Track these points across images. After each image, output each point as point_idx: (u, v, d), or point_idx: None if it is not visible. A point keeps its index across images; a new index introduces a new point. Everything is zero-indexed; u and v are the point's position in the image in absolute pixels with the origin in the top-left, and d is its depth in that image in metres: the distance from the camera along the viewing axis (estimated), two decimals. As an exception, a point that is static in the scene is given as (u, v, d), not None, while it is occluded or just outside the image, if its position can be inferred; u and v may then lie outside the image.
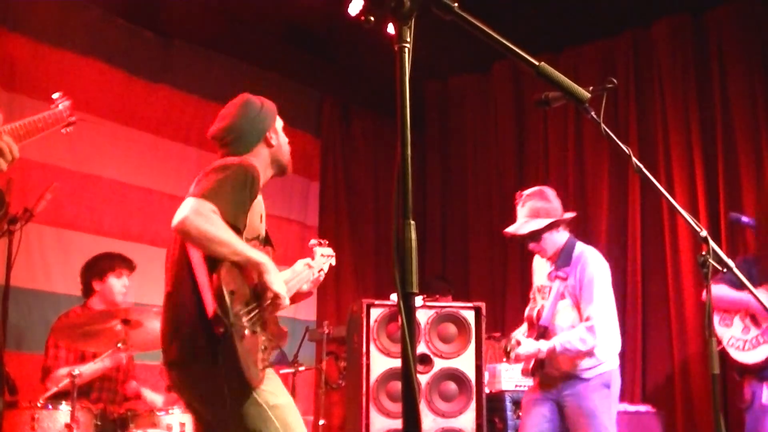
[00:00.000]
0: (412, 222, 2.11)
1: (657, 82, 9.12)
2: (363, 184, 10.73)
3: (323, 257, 4.95)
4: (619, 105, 9.23)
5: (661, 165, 8.86)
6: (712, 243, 3.51)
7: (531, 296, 6.09)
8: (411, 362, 2.05)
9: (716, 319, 6.96)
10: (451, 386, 6.93)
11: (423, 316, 6.94)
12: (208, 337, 3.54)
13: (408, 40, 2.20)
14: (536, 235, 5.62)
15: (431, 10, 2.27)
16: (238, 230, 3.71)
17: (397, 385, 6.88)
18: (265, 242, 4.17)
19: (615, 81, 3.31)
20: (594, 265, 5.62)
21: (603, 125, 3.12)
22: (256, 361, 3.66)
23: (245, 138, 4.11)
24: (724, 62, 8.68)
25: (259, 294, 3.75)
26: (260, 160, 4.17)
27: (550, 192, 5.77)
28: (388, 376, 6.91)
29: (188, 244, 3.71)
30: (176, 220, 3.59)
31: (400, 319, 2.04)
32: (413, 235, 2.10)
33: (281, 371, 8.05)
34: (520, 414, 5.97)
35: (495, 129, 10.49)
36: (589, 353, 5.45)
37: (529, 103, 9.91)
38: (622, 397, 8.37)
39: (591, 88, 2.91)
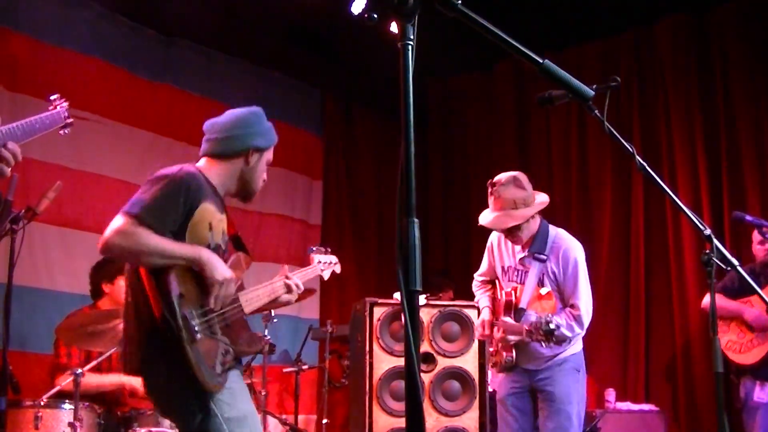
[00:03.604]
0: (416, 220, 2.11)
1: (660, 81, 9.11)
2: (366, 182, 10.73)
3: (322, 264, 4.90)
4: (622, 103, 9.23)
5: (664, 163, 8.86)
6: (715, 241, 3.50)
7: (479, 279, 5.97)
8: (414, 360, 2.05)
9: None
10: (455, 385, 6.93)
11: (426, 315, 6.94)
12: (159, 341, 3.52)
13: (411, 37, 2.19)
14: (516, 228, 5.40)
15: (434, 8, 2.26)
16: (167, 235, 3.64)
17: (400, 384, 6.88)
18: (227, 250, 4.05)
19: (618, 79, 3.30)
20: (576, 250, 5.47)
21: (606, 123, 3.11)
22: (213, 365, 3.60)
23: (232, 142, 4.01)
24: (727, 61, 8.68)
25: (210, 297, 3.70)
26: (230, 171, 4.04)
27: (523, 178, 5.49)
28: (392, 374, 6.91)
29: None
30: (99, 241, 3.57)
31: (403, 317, 2.03)
32: (416, 234, 2.10)
33: (284, 370, 8.06)
34: (497, 408, 5.78)
35: (497, 127, 10.49)
36: (568, 342, 5.34)
37: (531, 102, 9.89)
38: (625, 396, 8.42)
39: (594, 86, 2.91)
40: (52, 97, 3.98)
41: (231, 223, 4.11)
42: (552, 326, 5.02)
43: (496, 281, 5.80)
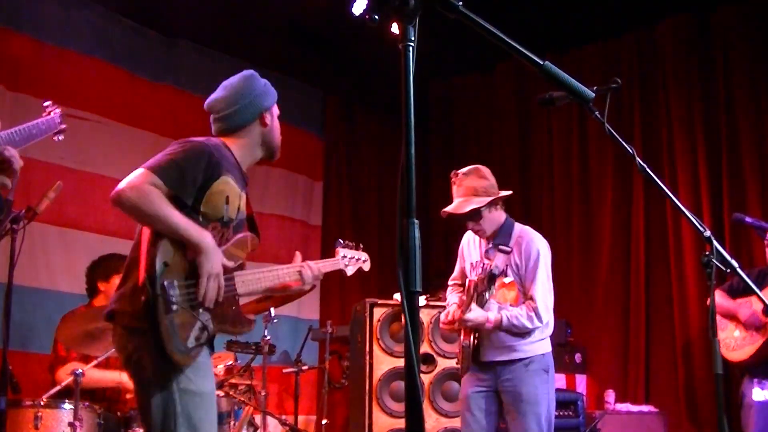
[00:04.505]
0: (416, 221, 2.11)
1: (661, 82, 9.12)
2: (366, 183, 10.74)
3: (346, 259, 4.84)
4: (623, 105, 9.23)
5: (665, 165, 8.86)
6: (715, 243, 3.49)
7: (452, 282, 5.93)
8: (414, 361, 2.05)
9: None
10: (454, 386, 6.94)
11: (426, 316, 6.96)
12: (139, 304, 3.51)
13: (413, 39, 2.19)
14: (476, 214, 5.39)
15: (436, 9, 2.27)
16: (182, 202, 3.65)
17: (400, 385, 6.89)
18: (239, 227, 4.04)
19: (619, 81, 3.28)
20: (539, 243, 5.44)
21: (607, 125, 3.10)
22: (186, 338, 3.58)
23: (243, 112, 4.04)
24: (729, 62, 8.68)
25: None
26: (251, 139, 4.09)
27: (485, 170, 5.54)
28: (391, 375, 6.92)
29: None
30: (113, 191, 3.56)
31: (403, 318, 2.03)
32: (417, 235, 2.10)
33: (284, 371, 8.06)
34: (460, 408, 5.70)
35: (499, 128, 10.49)
36: (529, 334, 5.28)
37: (532, 103, 9.89)
38: (625, 398, 8.42)
39: (595, 87, 2.91)
40: (45, 104, 3.99)
41: (249, 202, 4.11)
42: (494, 271, 5.09)
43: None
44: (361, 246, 4.96)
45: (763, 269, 6.63)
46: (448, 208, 5.49)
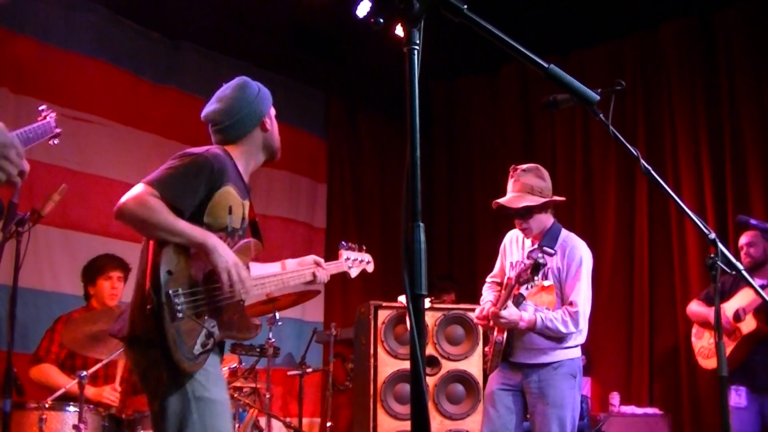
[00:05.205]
0: (421, 224, 2.11)
1: (665, 84, 9.12)
2: (370, 185, 10.73)
3: (350, 261, 4.88)
4: (627, 107, 9.22)
5: (668, 167, 8.87)
6: (720, 245, 3.50)
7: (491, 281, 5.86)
8: (420, 364, 2.05)
9: (693, 331, 7.20)
10: (459, 388, 6.94)
11: (430, 318, 6.94)
12: (146, 314, 3.53)
13: (417, 42, 2.18)
14: (528, 212, 5.37)
15: (440, 12, 2.26)
16: (182, 215, 3.65)
17: (404, 387, 6.88)
18: (244, 235, 4.06)
19: (623, 83, 3.28)
20: (583, 250, 5.44)
21: (611, 127, 3.10)
22: (192, 346, 3.59)
23: (243, 122, 4.05)
24: (732, 64, 8.69)
25: (211, 279, 3.70)
26: (253, 145, 4.11)
27: (545, 171, 5.51)
28: (396, 377, 6.92)
29: None
30: (116, 206, 3.59)
31: (408, 321, 2.03)
32: (422, 237, 2.09)
33: (288, 373, 8.06)
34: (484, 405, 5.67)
35: (502, 130, 10.51)
36: (564, 340, 5.26)
37: (536, 105, 9.89)
38: (630, 400, 8.42)
39: (599, 90, 2.90)
40: (40, 108, 3.99)
41: (252, 209, 4.13)
42: (540, 261, 5.03)
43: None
44: (364, 248, 4.97)
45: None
46: (502, 200, 5.44)
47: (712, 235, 3.47)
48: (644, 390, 8.73)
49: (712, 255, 3.52)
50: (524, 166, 5.49)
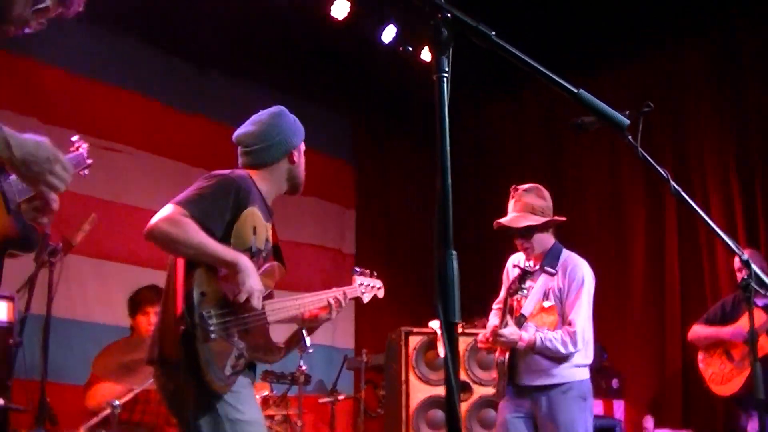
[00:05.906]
0: (454, 252, 2.10)
1: (693, 105, 9.08)
2: (399, 210, 10.72)
3: (363, 287, 4.90)
4: (654, 126, 9.18)
5: (697, 187, 8.81)
6: (753, 266, 3.47)
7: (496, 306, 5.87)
8: (455, 392, 2.04)
9: (700, 357, 7.16)
10: (491, 414, 6.90)
11: (462, 344, 6.93)
12: (177, 335, 3.55)
13: (447, 69, 2.18)
14: (529, 232, 5.42)
15: (469, 40, 2.26)
16: (212, 235, 3.68)
17: (436, 413, 6.86)
18: (267, 257, 4.10)
19: (651, 105, 3.27)
20: (585, 270, 5.45)
21: (641, 150, 3.09)
22: (223, 367, 3.62)
23: (273, 149, 4.12)
24: (760, 83, 8.63)
25: (239, 301, 3.71)
26: (278, 175, 4.16)
27: (545, 191, 5.58)
28: (428, 403, 6.90)
29: None
30: (146, 227, 3.62)
31: (443, 350, 2.02)
32: (455, 266, 2.09)
33: (320, 400, 8.04)
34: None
35: (528, 153, 10.49)
36: (566, 359, 5.23)
37: (563, 126, 9.86)
38: (662, 423, 8.34)
39: (627, 112, 2.89)
40: (73, 138, 4.02)
41: (275, 232, 4.17)
42: (528, 269, 5.20)
43: None
44: (375, 273, 5.01)
45: (737, 295, 6.67)
46: (503, 220, 5.49)
47: (745, 256, 3.45)
48: (677, 411, 8.65)
49: (745, 276, 3.51)
50: (525, 186, 5.55)
